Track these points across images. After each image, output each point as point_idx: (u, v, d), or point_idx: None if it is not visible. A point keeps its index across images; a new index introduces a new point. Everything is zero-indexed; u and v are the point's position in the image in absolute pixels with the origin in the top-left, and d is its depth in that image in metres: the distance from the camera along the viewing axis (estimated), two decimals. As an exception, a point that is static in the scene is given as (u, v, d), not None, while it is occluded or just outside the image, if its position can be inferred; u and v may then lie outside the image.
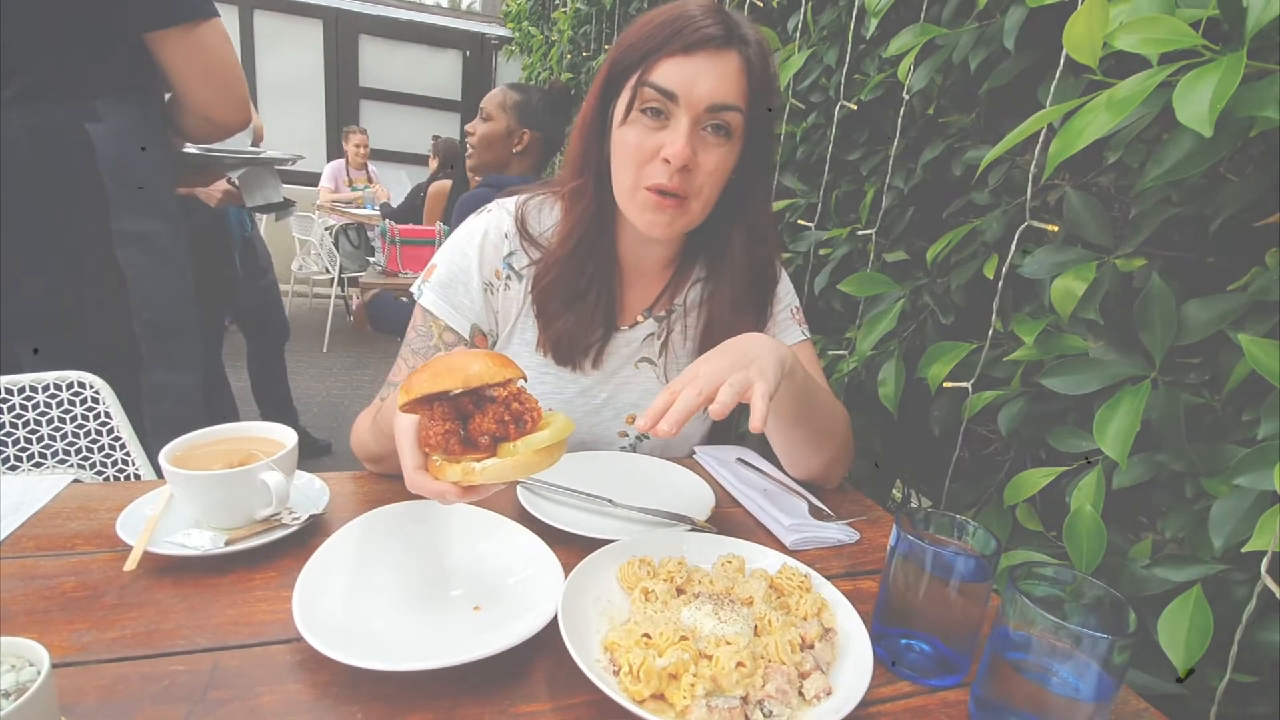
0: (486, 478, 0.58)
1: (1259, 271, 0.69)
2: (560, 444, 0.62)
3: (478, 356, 0.60)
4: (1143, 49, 0.62)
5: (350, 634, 0.57)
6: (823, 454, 0.94)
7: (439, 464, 0.59)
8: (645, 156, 0.85)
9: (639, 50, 0.83)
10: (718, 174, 0.86)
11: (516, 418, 0.60)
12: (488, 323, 0.98)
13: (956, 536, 0.64)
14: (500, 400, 0.60)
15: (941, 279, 1.11)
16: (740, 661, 0.54)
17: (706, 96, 0.82)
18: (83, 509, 0.76)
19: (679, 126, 0.82)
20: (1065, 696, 0.50)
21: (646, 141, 0.84)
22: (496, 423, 0.59)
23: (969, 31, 1.01)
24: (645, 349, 1.03)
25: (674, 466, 0.99)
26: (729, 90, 0.82)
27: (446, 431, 0.59)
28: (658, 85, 0.82)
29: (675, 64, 0.81)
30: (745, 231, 0.96)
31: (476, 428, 0.59)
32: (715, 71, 0.82)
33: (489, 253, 0.97)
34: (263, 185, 1.97)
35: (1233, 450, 0.69)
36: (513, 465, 0.58)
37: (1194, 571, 0.68)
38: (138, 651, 0.55)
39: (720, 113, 0.83)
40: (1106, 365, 0.78)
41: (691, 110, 0.82)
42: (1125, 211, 0.86)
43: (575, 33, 3.44)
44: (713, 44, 0.81)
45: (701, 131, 0.84)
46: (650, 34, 0.83)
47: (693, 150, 0.83)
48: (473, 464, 0.58)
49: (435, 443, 0.59)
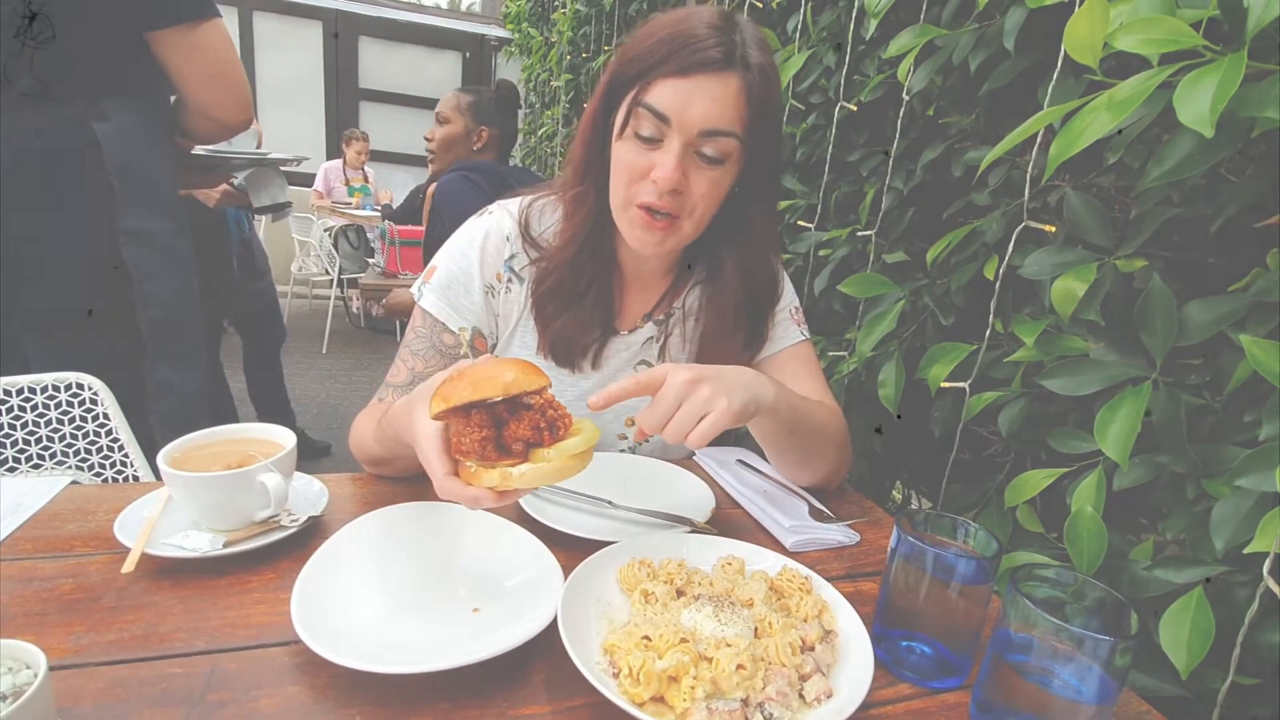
0: (524, 483, 0.59)
1: (1260, 272, 0.69)
2: (590, 450, 0.64)
3: (510, 365, 0.61)
4: (1143, 49, 0.62)
5: (349, 636, 0.57)
6: (820, 469, 0.94)
7: (474, 470, 0.60)
8: (637, 175, 0.84)
9: (637, 66, 0.82)
10: (710, 197, 0.85)
11: (551, 424, 0.62)
12: (488, 325, 0.98)
13: (957, 538, 0.63)
14: (536, 407, 0.62)
15: (941, 280, 1.11)
16: (740, 664, 0.53)
17: (699, 121, 0.80)
18: (80, 511, 0.76)
19: (670, 149, 0.81)
20: (1067, 699, 0.50)
21: (639, 160, 0.83)
22: (532, 429, 0.61)
23: (969, 32, 1.01)
24: (644, 353, 1.03)
25: (674, 468, 0.99)
26: (724, 115, 0.80)
27: (484, 439, 0.60)
28: (651, 107, 0.80)
29: (671, 85, 0.79)
30: (740, 257, 0.95)
31: (512, 434, 0.61)
32: (711, 95, 0.79)
33: (490, 255, 0.96)
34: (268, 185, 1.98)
35: (1234, 451, 0.69)
36: (549, 470, 0.60)
37: (1195, 573, 0.68)
38: (135, 654, 0.55)
39: (713, 138, 0.81)
40: (1107, 366, 0.78)
41: (684, 134, 0.80)
42: (1126, 212, 0.86)
43: (575, 34, 3.44)
44: (711, 67, 0.79)
45: (694, 155, 0.82)
46: (650, 50, 0.81)
47: (683, 173, 0.82)
48: (509, 469, 0.59)
49: (471, 449, 0.60)
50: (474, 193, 2.09)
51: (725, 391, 0.71)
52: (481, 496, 0.60)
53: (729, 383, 0.72)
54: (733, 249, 0.95)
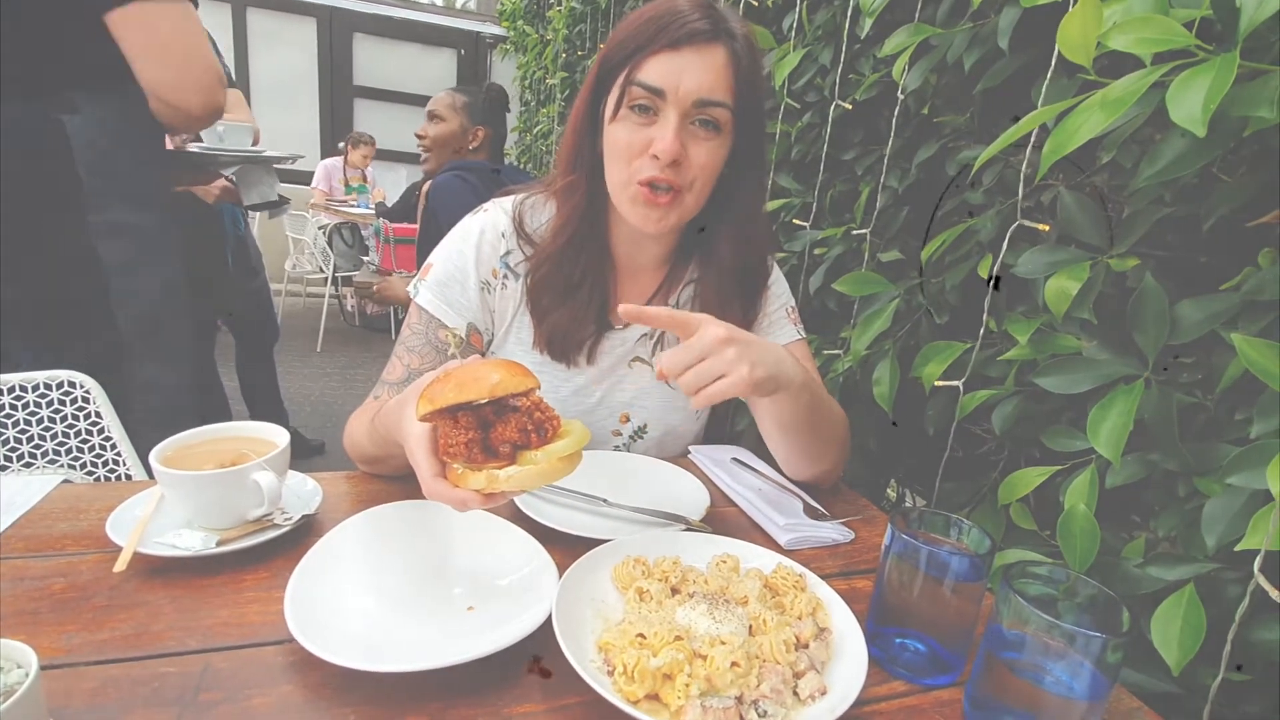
0: (510, 485, 0.59)
1: (1252, 271, 0.69)
2: (579, 452, 0.63)
3: (498, 366, 0.61)
4: (1136, 49, 0.62)
5: (343, 635, 0.57)
6: (825, 462, 0.95)
7: (460, 472, 0.60)
8: (635, 152, 0.85)
9: (627, 47, 0.84)
10: (709, 167, 0.87)
11: (538, 426, 0.61)
12: (484, 321, 0.98)
13: (951, 536, 0.64)
14: (523, 409, 0.61)
15: (936, 279, 1.11)
16: (735, 661, 0.53)
17: (694, 91, 0.82)
18: (72, 509, 0.75)
19: (667, 122, 0.83)
20: (1059, 695, 0.51)
21: (636, 138, 0.85)
22: (519, 431, 0.60)
23: (963, 31, 1.01)
24: (639, 348, 1.03)
25: (669, 466, 0.99)
26: (716, 84, 0.83)
27: (470, 441, 0.59)
28: (644, 83, 0.82)
29: (662, 60, 0.82)
30: (733, 228, 0.96)
31: (499, 436, 0.60)
32: (702, 66, 0.82)
33: (485, 252, 0.97)
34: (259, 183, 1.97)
35: (1225, 449, 0.69)
36: (537, 473, 0.59)
37: (1187, 570, 0.68)
38: (127, 653, 0.55)
39: (707, 107, 0.83)
40: (1100, 365, 0.78)
41: (679, 105, 0.83)
42: (1119, 211, 0.86)
43: (570, 31, 3.44)
44: (699, 39, 0.82)
45: (690, 126, 0.84)
46: (638, 30, 0.84)
47: (682, 145, 0.84)
48: (495, 472, 0.59)
49: (457, 451, 0.59)
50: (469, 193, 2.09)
51: (750, 360, 0.70)
52: (468, 499, 0.59)
53: (757, 353, 0.72)
54: (723, 224, 0.96)
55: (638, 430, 1.06)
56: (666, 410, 1.06)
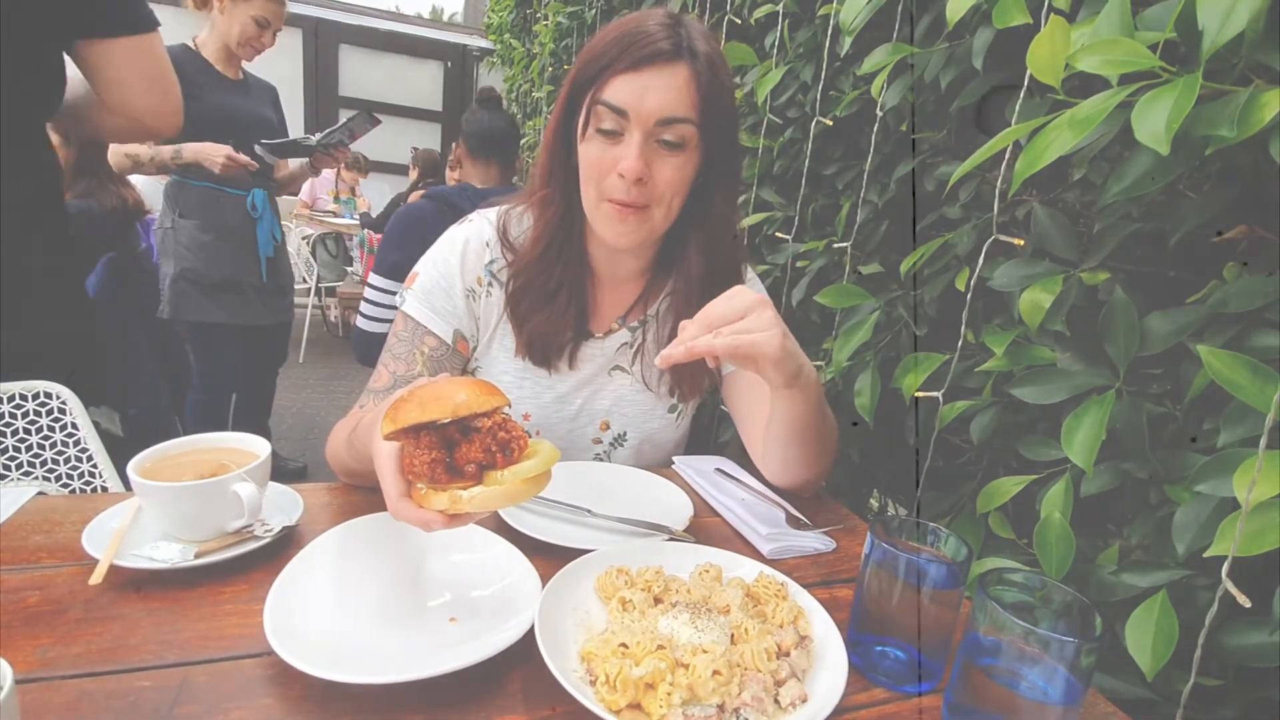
0: (474, 506, 0.57)
1: (1217, 285, 0.71)
2: (547, 473, 0.61)
3: (464, 385, 0.60)
4: (1103, 70, 0.64)
5: (323, 647, 0.56)
6: (819, 466, 0.96)
7: (424, 492, 0.58)
8: (604, 171, 0.87)
9: (593, 68, 0.86)
10: (675, 183, 0.88)
11: (503, 446, 0.59)
12: (469, 328, 0.99)
13: (929, 544, 0.64)
14: (486, 430, 0.59)
15: (915, 291, 1.13)
16: (717, 670, 0.54)
17: (655, 110, 0.84)
18: (47, 521, 0.74)
19: (631, 141, 0.85)
20: (1035, 700, 0.51)
21: (604, 156, 0.87)
22: (484, 452, 0.59)
23: (939, 51, 1.04)
24: (619, 357, 1.04)
25: (652, 476, 0.99)
26: (678, 103, 0.84)
27: (433, 461, 0.58)
28: (609, 103, 0.84)
29: (625, 80, 0.84)
30: (704, 238, 0.98)
31: (463, 456, 0.59)
32: (663, 85, 0.84)
33: (470, 260, 0.98)
34: None
35: (1194, 458, 0.71)
36: (500, 494, 0.58)
37: (1159, 577, 0.70)
38: (103, 667, 0.54)
39: (671, 125, 0.85)
40: (1073, 375, 0.80)
41: (642, 125, 0.84)
42: (1090, 226, 0.88)
43: (557, 45, 3.46)
44: (660, 58, 0.84)
45: (655, 144, 0.86)
46: (604, 50, 0.86)
47: (645, 163, 0.85)
48: (459, 492, 0.57)
49: (421, 471, 0.58)
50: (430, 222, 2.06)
51: (784, 335, 0.75)
52: (432, 519, 0.58)
53: (790, 336, 0.77)
54: (696, 230, 0.98)
55: (617, 437, 1.07)
56: (645, 417, 1.07)
